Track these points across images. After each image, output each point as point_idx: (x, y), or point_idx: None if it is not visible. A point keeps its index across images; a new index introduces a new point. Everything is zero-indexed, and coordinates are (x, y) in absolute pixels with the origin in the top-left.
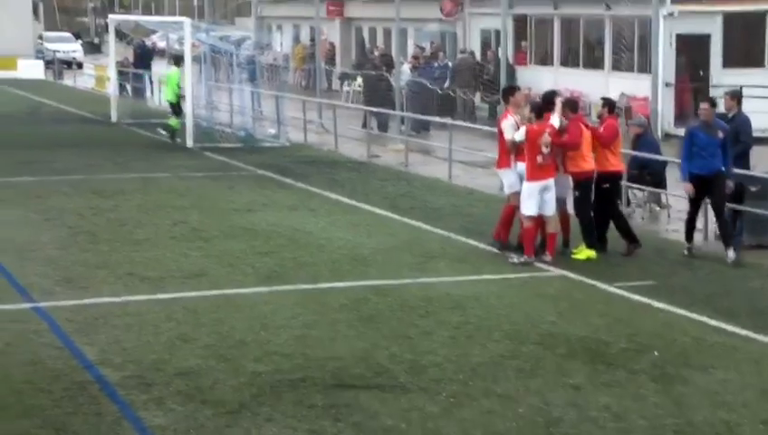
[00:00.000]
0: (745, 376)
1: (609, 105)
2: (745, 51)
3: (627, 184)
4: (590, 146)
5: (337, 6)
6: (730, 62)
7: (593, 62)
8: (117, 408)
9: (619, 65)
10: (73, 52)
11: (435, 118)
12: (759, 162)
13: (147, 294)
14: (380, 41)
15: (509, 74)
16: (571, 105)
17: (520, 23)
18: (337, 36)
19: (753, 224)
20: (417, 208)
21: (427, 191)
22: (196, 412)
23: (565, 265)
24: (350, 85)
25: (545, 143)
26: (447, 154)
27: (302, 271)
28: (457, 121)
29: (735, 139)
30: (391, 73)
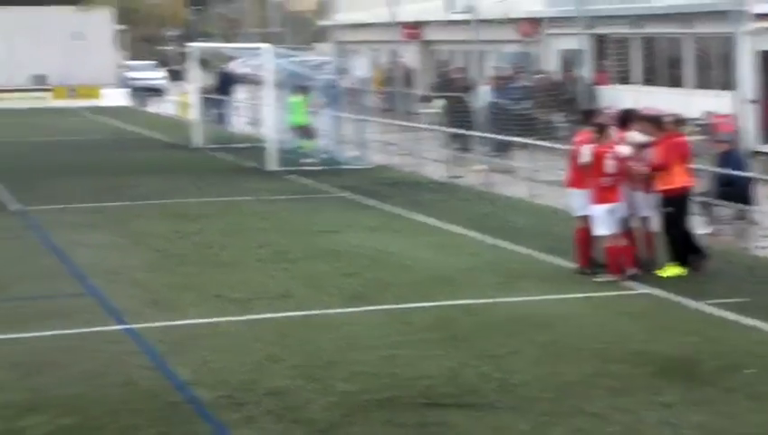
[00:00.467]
0: None
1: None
2: None
3: (712, 201)
4: (682, 161)
5: (415, 30)
6: None
7: (675, 80)
8: (210, 427)
9: (702, 83)
10: (156, 79)
11: (515, 138)
12: None
13: (235, 315)
14: (459, 63)
15: (589, 94)
16: (655, 121)
17: (599, 42)
18: (416, 59)
19: None
20: (500, 228)
21: (509, 211)
22: (287, 431)
23: (653, 283)
24: (429, 107)
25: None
26: (529, 174)
27: (386, 291)
28: (538, 141)
29: None
30: (470, 95)
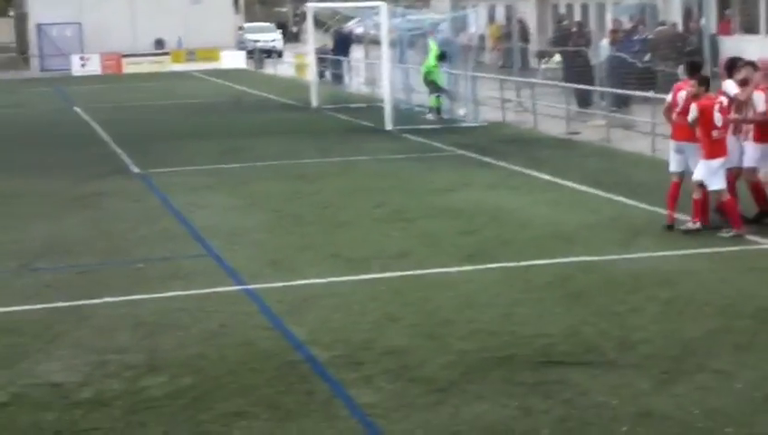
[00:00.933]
0: None
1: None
2: None
3: None
4: None
5: None
6: None
7: None
8: (327, 386)
9: None
10: (273, 41)
11: (635, 92)
12: None
13: (352, 274)
14: (577, 16)
15: (712, 45)
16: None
17: None
18: (533, 14)
19: None
20: (620, 184)
21: (630, 166)
22: (405, 390)
23: None
24: (547, 63)
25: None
26: (649, 128)
27: (505, 249)
28: (659, 95)
29: None
30: (589, 49)
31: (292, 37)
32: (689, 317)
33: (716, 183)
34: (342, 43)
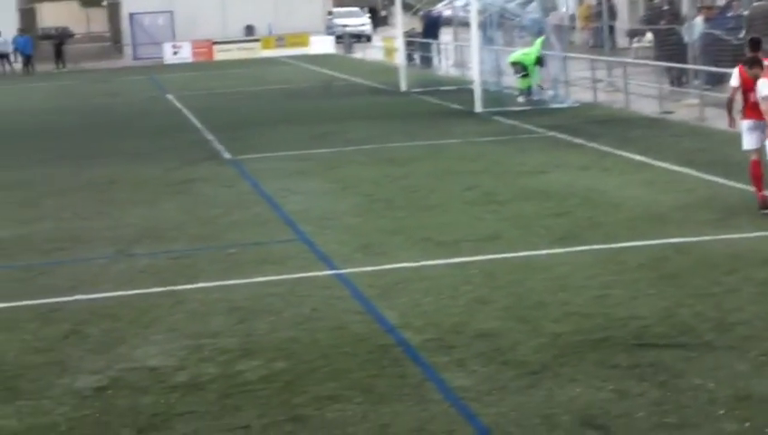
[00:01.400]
0: None
1: None
2: None
3: None
4: None
5: None
6: None
7: None
8: (420, 370)
9: None
10: (362, 25)
11: (730, 70)
12: None
13: (443, 258)
14: None
15: None
16: None
17: None
18: None
19: None
20: (715, 163)
21: (725, 145)
22: (497, 373)
23: None
24: (639, 41)
25: None
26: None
27: (597, 231)
28: None
29: None
30: (682, 27)
31: (381, 21)
32: None
33: None
34: (431, 26)
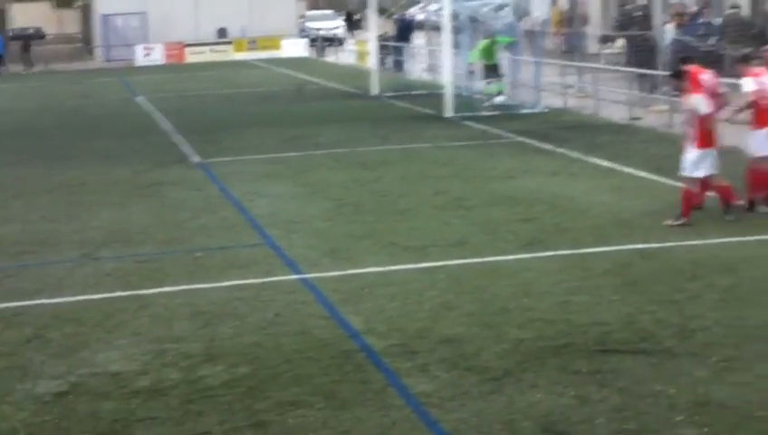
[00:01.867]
0: None
1: None
2: None
3: None
4: None
5: None
6: None
7: None
8: (383, 375)
9: None
10: (335, 29)
11: None
12: None
13: (410, 263)
14: (641, 0)
15: None
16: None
17: None
18: None
19: None
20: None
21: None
22: (460, 379)
23: None
24: (610, 47)
25: None
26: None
27: (564, 236)
28: (725, 79)
29: None
30: (653, 33)
31: (355, 25)
32: (749, 305)
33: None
34: (404, 30)
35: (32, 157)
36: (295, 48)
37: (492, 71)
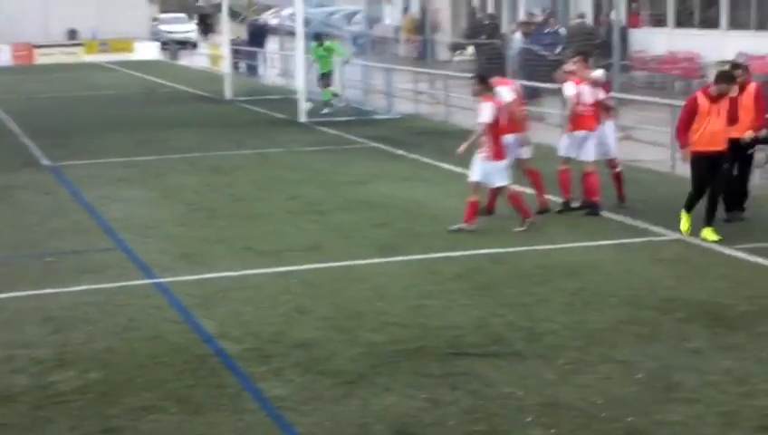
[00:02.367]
0: None
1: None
2: None
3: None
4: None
5: None
6: None
7: (709, 21)
8: (237, 380)
9: (737, 23)
10: (188, 32)
11: (546, 84)
12: None
13: (264, 267)
14: (491, 9)
15: (622, 37)
16: None
17: None
18: (447, 6)
19: None
20: None
21: (540, 160)
22: (314, 383)
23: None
24: (461, 54)
25: None
26: (560, 121)
27: (416, 241)
28: None
29: None
30: (502, 42)
31: (210, 28)
32: (595, 308)
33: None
34: (257, 35)
35: None
36: (148, 51)
37: (325, 78)
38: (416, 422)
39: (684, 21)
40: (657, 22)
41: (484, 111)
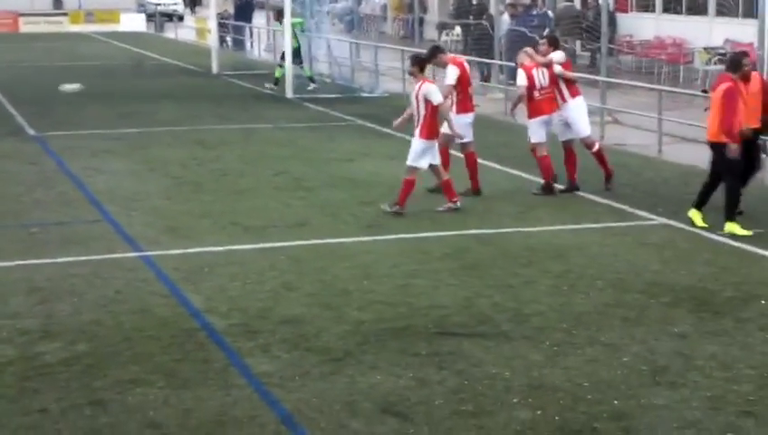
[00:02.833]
0: None
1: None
2: None
3: None
4: None
5: None
6: None
7: (696, 7)
8: (224, 355)
9: (724, 10)
10: (174, 4)
11: None
12: None
13: (250, 243)
14: None
15: (610, 21)
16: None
17: None
18: None
19: None
20: (517, 157)
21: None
22: (301, 359)
23: (669, 214)
24: (448, 34)
25: None
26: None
27: (403, 220)
28: None
29: None
30: (490, 22)
31: (196, 2)
32: (581, 291)
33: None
34: (244, 9)
35: None
36: (134, 22)
37: (297, 54)
38: (402, 401)
39: (671, 7)
40: (645, 7)
41: (434, 92)
